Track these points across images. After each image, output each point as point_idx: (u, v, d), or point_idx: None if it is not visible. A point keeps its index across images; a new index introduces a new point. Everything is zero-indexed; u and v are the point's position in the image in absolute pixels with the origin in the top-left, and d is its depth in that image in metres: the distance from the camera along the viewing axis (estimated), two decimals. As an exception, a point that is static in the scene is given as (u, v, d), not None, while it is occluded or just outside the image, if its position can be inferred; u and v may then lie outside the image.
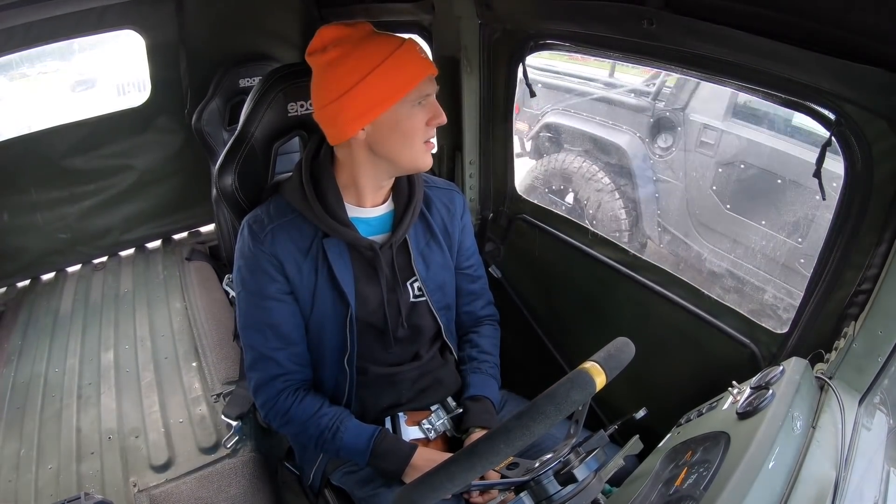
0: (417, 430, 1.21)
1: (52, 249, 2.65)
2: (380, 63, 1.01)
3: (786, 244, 2.96)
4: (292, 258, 1.12)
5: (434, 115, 1.08)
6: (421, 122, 1.07)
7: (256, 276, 1.12)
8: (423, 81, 1.05)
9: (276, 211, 1.14)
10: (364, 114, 1.03)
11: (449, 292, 1.27)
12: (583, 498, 0.79)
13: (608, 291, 1.46)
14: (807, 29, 0.83)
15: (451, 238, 1.27)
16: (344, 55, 1.02)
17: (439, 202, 1.26)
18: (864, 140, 0.91)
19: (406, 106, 1.04)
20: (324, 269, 1.12)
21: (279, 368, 1.15)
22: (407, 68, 1.03)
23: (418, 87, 1.04)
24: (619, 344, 0.81)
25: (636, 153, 3.66)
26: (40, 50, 2.40)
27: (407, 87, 1.03)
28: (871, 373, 0.91)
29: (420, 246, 1.22)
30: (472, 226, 1.37)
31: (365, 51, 1.02)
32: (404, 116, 1.05)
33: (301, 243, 1.13)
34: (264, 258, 1.11)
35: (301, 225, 1.13)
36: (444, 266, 1.25)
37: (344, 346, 1.15)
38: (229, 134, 2.41)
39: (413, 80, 1.03)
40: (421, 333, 1.23)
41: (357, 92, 1.02)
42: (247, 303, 1.14)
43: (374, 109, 1.03)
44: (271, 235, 1.11)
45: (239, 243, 1.15)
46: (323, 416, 1.14)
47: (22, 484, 1.60)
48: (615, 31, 1.16)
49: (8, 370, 2.07)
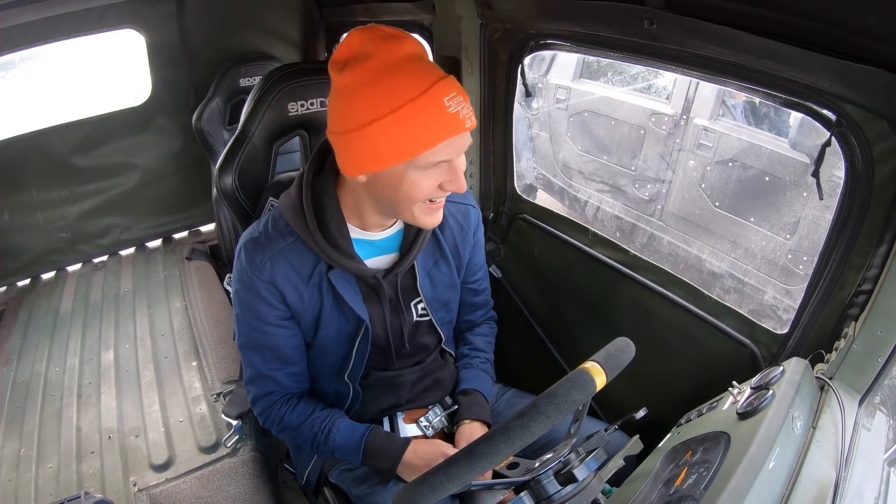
0: (415, 428, 1.21)
1: (53, 248, 2.65)
2: (393, 110, 0.82)
3: (623, 172, 3.87)
4: (293, 286, 1.04)
5: (450, 180, 0.91)
6: (430, 186, 0.90)
7: (255, 302, 1.05)
8: (443, 145, 0.85)
9: (274, 233, 1.04)
10: (366, 163, 0.88)
11: (453, 308, 1.26)
12: (583, 498, 0.79)
13: (608, 291, 1.46)
14: (807, 29, 0.83)
15: (460, 257, 1.20)
16: (359, 86, 0.84)
17: (453, 220, 1.16)
18: (864, 140, 0.91)
19: (413, 169, 0.88)
20: (329, 295, 1.06)
21: (277, 385, 1.14)
22: (424, 125, 0.84)
23: (434, 151, 0.86)
24: (619, 344, 0.81)
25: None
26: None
27: (417, 150, 0.85)
28: (872, 373, 0.91)
29: (427, 266, 1.15)
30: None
31: (384, 86, 0.83)
32: (408, 179, 0.89)
33: (302, 270, 1.04)
34: (263, 287, 1.04)
35: (302, 250, 1.04)
36: (450, 286, 1.20)
37: (346, 362, 1.13)
38: (230, 133, 2.42)
39: (428, 142, 0.85)
40: (424, 348, 1.22)
41: (361, 136, 0.85)
42: (245, 325, 1.09)
43: (376, 163, 0.88)
44: (270, 263, 1.02)
45: (237, 267, 1.07)
46: (315, 419, 1.14)
47: (22, 483, 1.60)
48: (615, 31, 1.16)
49: (8, 369, 2.07)
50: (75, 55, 5.22)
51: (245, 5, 2.56)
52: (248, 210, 1.28)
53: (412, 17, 1.73)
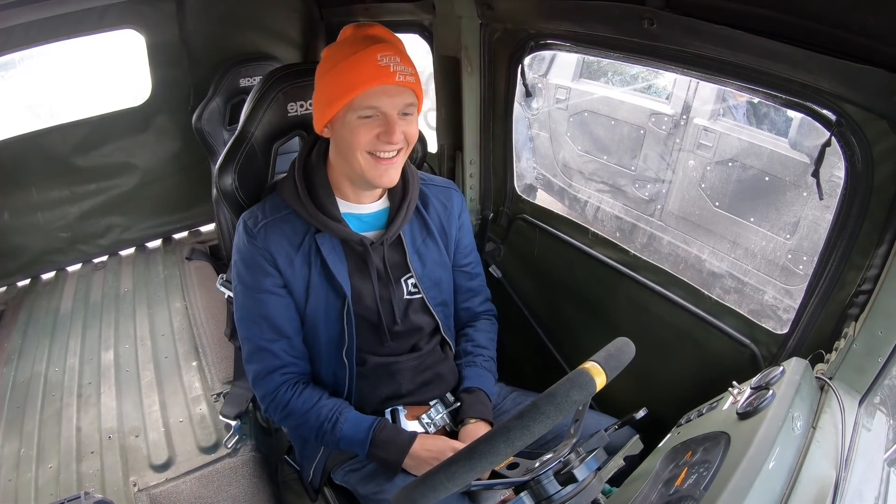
0: (417, 425, 1.21)
1: (53, 248, 2.65)
2: (336, 64, 1.03)
3: (623, 172, 3.95)
4: (284, 252, 1.14)
5: (384, 131, 1.04)
6: (368, 135, 1.04)
7: (251, 269, 1.14)
8: (374, 92, 1.01)
9: (270, 208, 1.17)
10: (320, 111, 1.07)
11: (445, 289, 1.28)
12: (583, 498, 0.79)
13: (608, 291, 1.46)
14: (807, 29, 0.83)
15: (447, 236, 1.27)
16: (331, 53, 1.07)
17: (436, 200, 1.27)
18: (864, 140, 0.91)
19: (351, 114, 1.03)
20: (317, 262, 1.14)
21: (276, 360, 1.16)
22: (354, 73, 1.01)
23: (364, 95, 1.01)
24: (619, 344, 0.81)
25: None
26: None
27: (350, 93, 1.01)
28: (872, 373, 0.91)
29: (416, 243, 1.23)
30: (472, 225, 1.37)
31: (335, 54, 1.05)
32: (349, 125, 1.04)
33: (293, 238, 1.15)
34: (258, 252, 1.13)
35: (294, 220, 1.15)
36: (440, 263, 1.25)
37: (341, 338, 1.16)
38: (229, 133, 2.41)
39: (355, 87, 1.01)
40: (418, 329, 1.23)
41: (316, 94, 1.08)
42: (243, 296, 1.16)
43: (325, 109, 1.05)
44: (264, 231, 1.13)
45: (236, 239, 1.18)
46: (322, 407, 1.15)
47: (22, 483, 1.60)
48: (615, 31, 1.16)
49: (8, 369, 2.07)
50: (75, 55, 5.21)
51: (245, 5, 2.56)
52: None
53: (412, 17, 1.73)
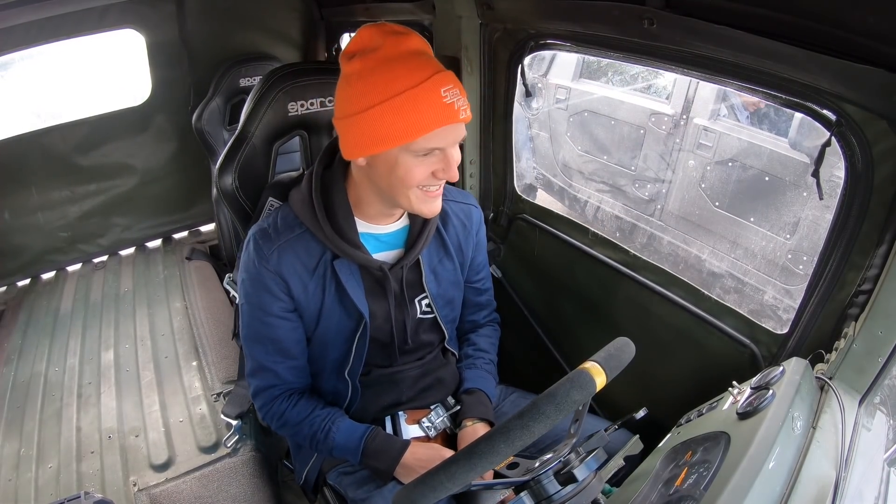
0: (417, 429, 1.21)
1: (53, 248, 2.66)
2: (392, 96, 0.89)
3: (623, 172, 3.96)
4: (298, 278, 1.07)
5: (443, 168, 0.96)
6: (423, 173, 0.95)
7: (260, 293, 1.08)
8: (437, 132, 0.91)
9: (283, 225, 1.08)
10: (364, 145, 0.94)
11: (457, 307, 1.27)
12: (583, 498, 0.79)
13: (608, 291, 1.46)
14: (807, 29, 0.83)
15: (463, 255, 1.23)
16: (364, 73, 0.91)
17: (456, 218, 1.20)
18: (864, 140, 0.91)
19: (408, 154, 0.93)
20: (332, 286, 1.09)
21: (278, 379, 1.15)
22: (417, 114, 0.89)
23: (428, 137, 0.91)
24: (619, 344, 0.81)
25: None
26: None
27: (412, 135, 0.90)
28: (872, 373, 0.91)
29: (433, 263, 1.17)
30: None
31: (385, 75, 0.89)
32: (403, 164, 0.94)
33: (308, 262, 1.07)
34: (269, 277, 1.06)
35: (308, 240, 1.07)
36: (454, 283, 1.22)
37: (346, 358, 1.14)
38: (229, 133, 2.42)
39: (422, 128, 0.90)
40: (427, 344, 1.23)
41: (361, 120, 0.91)
42: (250, 316, 1.11)
43: (373, 145, 0.93)
44: (277, 254, 1.06)
45: (244, 257, 1.10)
46: (316, 417, 1.14)
47: (22, 483, 1.60)
48: (615, 31, 1.16)
49: (8, 369, 2.07)
50: (75, 55, 5.20)
51: (245, 5, 2.57)
52: (248, 210, 1.28)
53: (412, 16, 1.73)
